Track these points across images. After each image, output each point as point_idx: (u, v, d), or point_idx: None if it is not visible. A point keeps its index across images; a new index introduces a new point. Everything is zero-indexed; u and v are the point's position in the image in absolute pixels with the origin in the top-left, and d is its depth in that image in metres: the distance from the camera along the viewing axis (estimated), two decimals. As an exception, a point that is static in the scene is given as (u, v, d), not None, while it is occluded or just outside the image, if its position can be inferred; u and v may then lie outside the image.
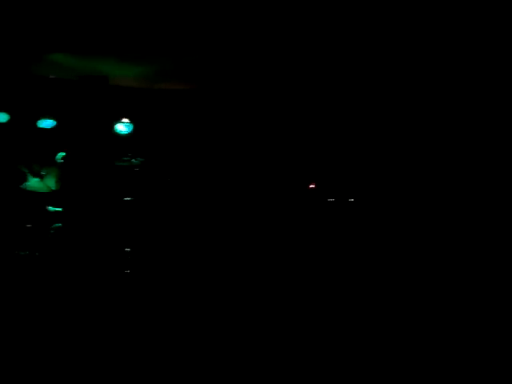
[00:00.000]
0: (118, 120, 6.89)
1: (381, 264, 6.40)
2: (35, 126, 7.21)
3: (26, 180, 6.60)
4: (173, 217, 6.89)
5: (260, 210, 7.02)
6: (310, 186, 7.15)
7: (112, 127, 6.84)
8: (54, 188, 6.58)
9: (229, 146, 7.30)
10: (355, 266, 6.42)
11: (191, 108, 7.42)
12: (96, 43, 6.51)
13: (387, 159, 6.99)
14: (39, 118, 7.21)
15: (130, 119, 7.02)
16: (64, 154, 6.66)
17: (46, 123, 7.26)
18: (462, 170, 6.67)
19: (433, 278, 6.08)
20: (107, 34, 6.43)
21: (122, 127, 6.96)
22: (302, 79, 7.03)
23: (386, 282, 6.15)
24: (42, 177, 6.61)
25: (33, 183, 6.66)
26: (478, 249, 6.25)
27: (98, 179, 6.72)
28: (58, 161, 6.63)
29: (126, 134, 7.02)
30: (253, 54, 6.73)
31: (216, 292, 6.01)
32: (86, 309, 5.52)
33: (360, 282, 6.19)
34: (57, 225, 6.38)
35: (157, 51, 6.71)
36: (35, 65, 6.76)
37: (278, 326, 5.35)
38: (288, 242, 6.79)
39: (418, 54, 6.43)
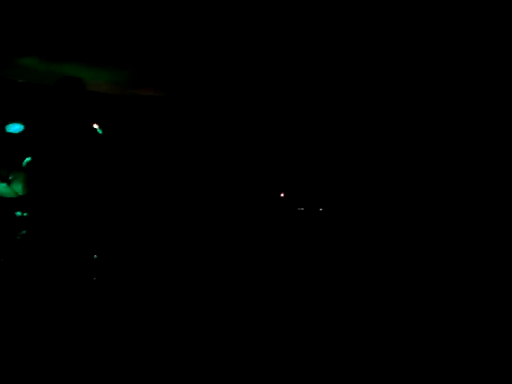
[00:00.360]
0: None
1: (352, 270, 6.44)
2: (3, 130, 7.13)
3: (-5, 184, 6.52)
4: (140, 223, 6.85)
5: (231, 217, 7.01)
6: (281, 195, 7.16)
7: (83, 132, 6.76)
8: (20, 193, 6.48)
9: (199, 153, 7.29)
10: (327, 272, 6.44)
11: (163, 114, 7.41)
12: (66, 48, 6.47)
13: (361, 166, 7.02)
14: (7, 123, 7.13)
15: (99, 125, 6.97)
16: (30, 159, 6.57)
17: (14, 128, 7.17)
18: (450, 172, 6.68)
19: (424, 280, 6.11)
20: (78, 39, 6.40)
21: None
22: (271, 86, 7.04)
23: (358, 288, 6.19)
24: (9, 182, 6.52)
25: (0, 188, 6.56)
26: (470, 250, 6.29)
27: (66, 185, 6.64)
28: (24, 166, 6.54)
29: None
30: (221, 62, 6.74)
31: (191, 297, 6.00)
32: (52, 316, 5.46)
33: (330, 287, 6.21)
34: (24, 231, 6.28)
35: (127, 58, 6.70)
36: (3, 69, 6.68)
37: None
38: (259, 250, 6.79)
39: (407, 55, 6.42)
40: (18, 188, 6.52)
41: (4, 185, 6.51)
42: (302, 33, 6.39)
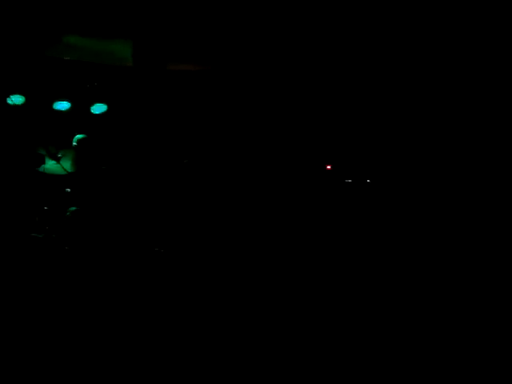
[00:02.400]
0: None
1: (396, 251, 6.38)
2: (51, 108, 7.22)
3: (44, 163, 6.59)
4: (191, 199, 6.87)
5: (278, 193, 7.00)
6: (327, 168, 7.12)
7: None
8: (70, 170, 6.56)
9: (249, 126, 7.28)
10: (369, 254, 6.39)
11: (206, 89, 7.41)
12: (110, 25, 6.48)
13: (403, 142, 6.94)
14: (55, 101, 7.21)
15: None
16: (81, 136, 6.64)
17: (62, 105, 7.26)
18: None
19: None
20: (122, 17, 6.41)
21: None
22: (309, 67, 7.01)
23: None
24: (58, 159, 6.59)
25: (50, 166, 6.64)
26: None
27: (115, 163, 6.72)
28: (74, 143, 6.61)
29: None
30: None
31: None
32: (103, 292, 5.52)
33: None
34: (73, 208, 6.36)
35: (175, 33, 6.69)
36: (50, 47, 6.74)
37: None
38: (306, 225, 6.78)
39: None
40: (66, 165, 6.60)
41: (53, 162, 6.59)
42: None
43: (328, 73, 7.13)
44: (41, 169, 6.58)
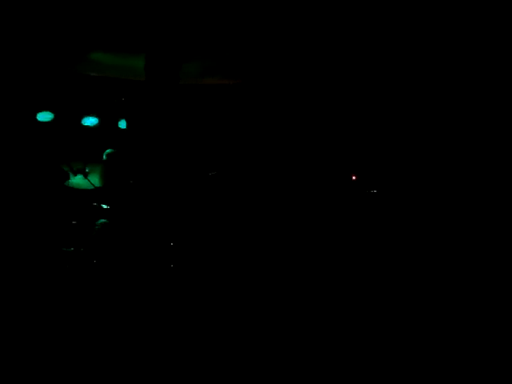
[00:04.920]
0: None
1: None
2: (79, 123, 7.34)
3: (69, 178, 6.69)
4: (218, 212, 6.89)
5: (303, 201, 6.99)
6: (353, 178, 7.09)
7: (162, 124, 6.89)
8: (97, 185, 6.66)
9: (274, 136, 7.31)
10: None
11: (237, 102, 7.46)
12: (137, 42, 6.58)
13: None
14: (83, 116, 7.33)
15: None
16: (110, 150, 6.74)
17: (90, 121, 7.37)
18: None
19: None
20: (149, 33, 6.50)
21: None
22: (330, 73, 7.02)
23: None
24: (85, 174, 6.70)
25: (77, 180, 6.75)
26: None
27: (143, 177, 6.78)
28: (105, 157, 6.71)
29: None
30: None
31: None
32: (131, 303, 5.58)
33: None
34: (101, 221, 6.45)
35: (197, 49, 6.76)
36: (76, 63, 6.87)
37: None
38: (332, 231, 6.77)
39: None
40: (94, 180, 6.70)
41: (80, 176, 6.70)
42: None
43: (355, 83, 7.12)
44: (67, 184, 6.69)
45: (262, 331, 5.09)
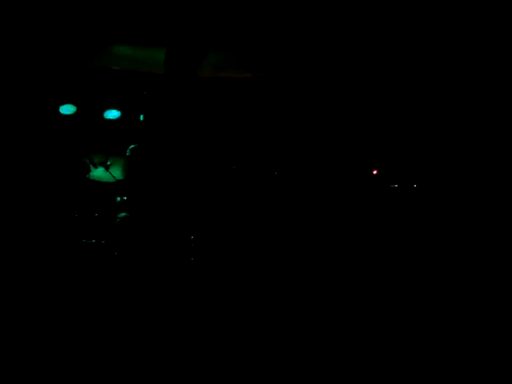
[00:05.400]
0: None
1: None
2: (101, 116, 7.38)
3: (90, 170, 6.73)
4: (239, 207, 6.89)
5: (327, 198, 6.98)
6: (374, 172, 7.06)
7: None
8: (118, 178, 6.69)
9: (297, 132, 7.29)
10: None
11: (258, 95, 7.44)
12: (158, 34, 6.57)
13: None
14: (105, 110, 7.37)
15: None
16: (135, 145, 6.77)
17: (112, 114, 7.41)
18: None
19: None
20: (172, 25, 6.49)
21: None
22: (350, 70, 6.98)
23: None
24: (107, 167, 6.74)
25: (98, 173, 6.79)
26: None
27: (164, 171, 6.79)
28: (129, 152, 6.74)
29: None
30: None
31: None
32: (151, 296, 5.59)
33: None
34: (122, 214, 6.48)
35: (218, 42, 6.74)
36: (98, 57, 6.89)
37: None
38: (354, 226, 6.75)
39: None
40: (116, 173, 6.73)
41: (102, 169, 6.74)
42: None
43: (378, 79, 7.09)
44: (88, 176, 6.73)
45: (271, 328, 5.10)
